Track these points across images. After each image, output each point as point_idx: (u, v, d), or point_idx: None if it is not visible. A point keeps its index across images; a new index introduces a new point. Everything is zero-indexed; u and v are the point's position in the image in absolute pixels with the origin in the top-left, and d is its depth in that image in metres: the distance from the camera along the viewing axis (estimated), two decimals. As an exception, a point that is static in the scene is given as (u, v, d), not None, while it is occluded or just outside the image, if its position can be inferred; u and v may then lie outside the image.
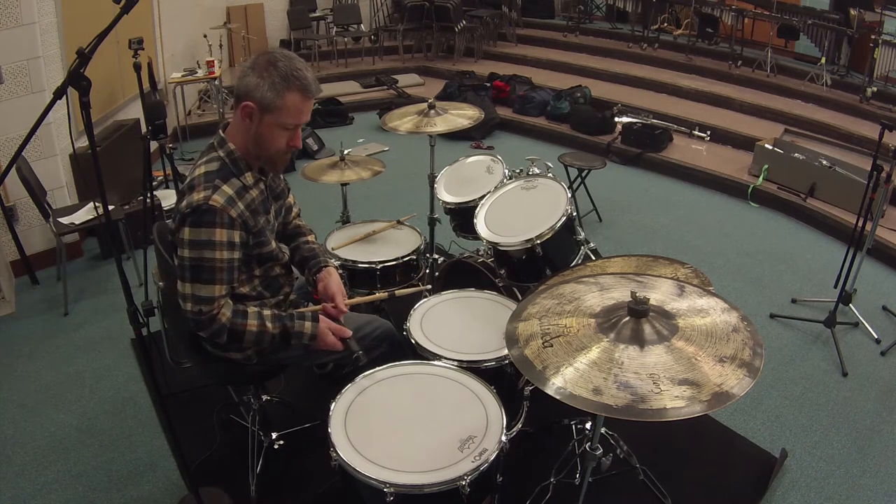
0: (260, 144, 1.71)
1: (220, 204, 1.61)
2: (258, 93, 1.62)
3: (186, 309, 1.68)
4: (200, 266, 1.64)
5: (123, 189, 3.97)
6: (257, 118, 1.66)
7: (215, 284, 1.67)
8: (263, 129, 1.67)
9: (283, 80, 1.62)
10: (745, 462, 2.44)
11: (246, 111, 1.64)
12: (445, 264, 2.92)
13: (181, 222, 1.62)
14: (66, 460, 2.41)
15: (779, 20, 6.79)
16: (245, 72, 1.64)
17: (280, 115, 1.65)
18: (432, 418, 1.71)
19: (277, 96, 1.62)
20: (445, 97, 6.68)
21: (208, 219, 1.60)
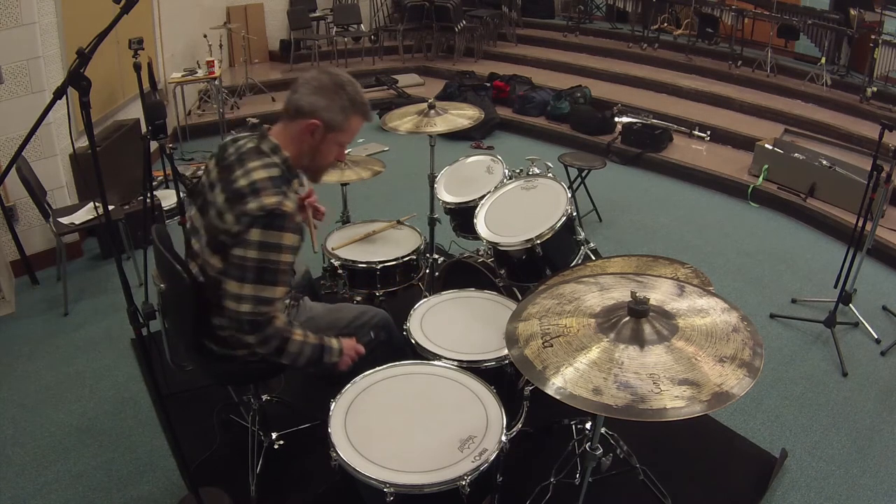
0: (315, 158, 1.80)
1: (290, 210, 1.66)
2: (327, 113, 1.72)
3: (242, 310, 1.66)
4: (266, 268, 1.65)
5: (123, 189, 3.97)
6: (320, 134, 1.75)
7: (277, 286, 1.69)
8: (323, 145, 1.77)
9: (351, 104, 1.75)
10: (745, 462, 2.44)
11: (311, 127, 1.73)
12: (445, 264, 2.92)
13: (251, 224, 1.62)
14: (66, 460, 2.41)
15: (779, 20, 6.79)
16: (312, 90, 1.72)
17: (342, 135, 1.78)
18: (432, 418, 1.71)
19: (345, 119, 1.75)
20: (445, 97, 6.68)
21: (280, 223, 1.64)
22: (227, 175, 1.72)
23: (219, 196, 1.71)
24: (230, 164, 1.74)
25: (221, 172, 1.76)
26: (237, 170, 1.70)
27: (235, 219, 1.64)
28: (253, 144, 1.77)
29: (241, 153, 1.75)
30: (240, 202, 1.63)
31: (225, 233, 1.67)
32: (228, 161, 1.76)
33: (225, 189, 1.70)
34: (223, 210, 1.68)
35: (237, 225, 1.63)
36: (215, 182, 1.77)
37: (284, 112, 1.76)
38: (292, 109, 1.74)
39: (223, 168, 1.76)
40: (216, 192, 1.74)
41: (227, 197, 1.68)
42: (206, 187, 1.80)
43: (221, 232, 1.68)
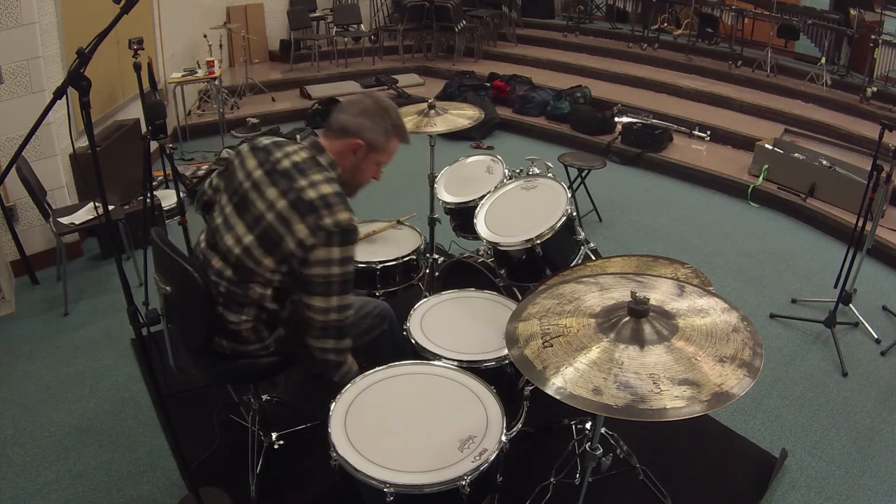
0: (355, 175, 1.90)
1: (356, 224, 1.77)
2: (370, 134, 1.84)
3: (331, 319, 1.78)
4: (347, 280, 1.78)
5: (123, 189, 3.97)
6: (362, 154, 1.86)
7: (350, 293, 1.82)
8: (364, 164, 1.89)
9: (393, 127, 1.89)
10: (745, 462, 2.44)
11: (354, 146, 1.84)
12: (445, 264, 2.93)
13: (328, 240, 1.70)
14: (66, 460, 2.41)
15: (779, 20, 6.79)
16: (358, 112, 1.84)
17: (381, 156, 1.91)
18: (432, 418, 1.71)
19: (386, 141, 1.88)
20: (445, 97, 6.68)
21: (353, 238, 1.76)
22: (285, 182, 1.76)
23: (278, 201, 1.74)
24: (286, 172, 1.78)
25: (273, 176, 1.79)
26: (300, 179, 1.76)
27: (310, 231, 1.70)
28: (308, 155, 1.83)
29: (298, 163, 1.80)
30: (313, 214, 1.70)
31: (298, 243, 1.71)
32: (281, 167, 1.79)
33: (287, 196, 1.74)
34: (289, 217, 1.72)
35: (312, 237, 1.70)
36: (261, 183, 1.79)
37: (329, 129, 1.87)
38: (338, 128, 1.85)
39: (276, 173, 1.79)
40: (269, 195, 1.77)
41: (293, 204, 1.72)
42: (249, 188, 1.82)
43: (288, 239, 1.72)
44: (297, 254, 1.72)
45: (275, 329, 1.93)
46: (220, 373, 2.03)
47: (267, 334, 1.91)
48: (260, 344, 1.91)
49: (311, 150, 1.85)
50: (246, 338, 1.88)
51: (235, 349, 1.91)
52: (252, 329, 1.87)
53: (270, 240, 1.75)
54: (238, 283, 1.81)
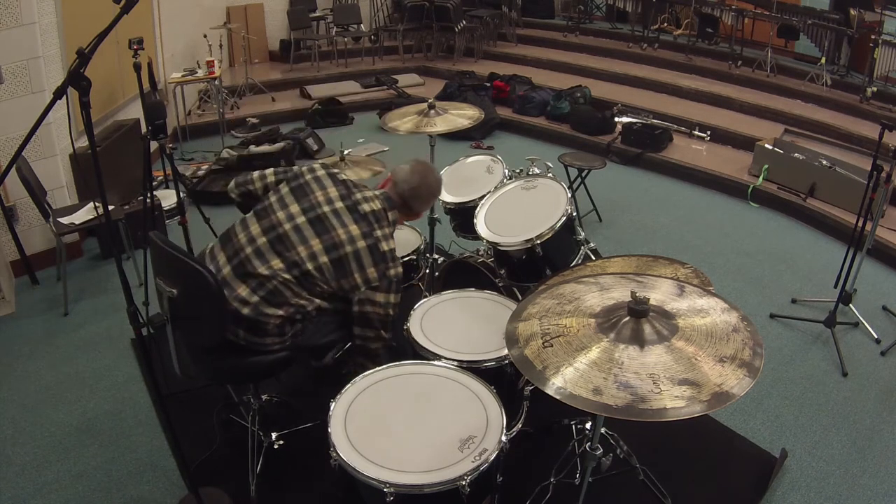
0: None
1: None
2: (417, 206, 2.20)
3: (389, 313, 2.02)
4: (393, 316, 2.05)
5: (123, 189, 3.97)
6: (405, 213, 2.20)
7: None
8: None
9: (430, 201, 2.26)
10: (745, 462, 2.44)
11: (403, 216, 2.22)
12: (445, 264, 2.92)
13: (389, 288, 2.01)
14: (66, 460, 2.41)
15: (779, 20, 6.79)
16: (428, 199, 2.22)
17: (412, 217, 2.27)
18: (432, 418, 1.71)
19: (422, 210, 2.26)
20: (445, 97, 6.68)
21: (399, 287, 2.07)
22: (366, 226, 1.99)
23: (359, 240, 1.96)
24: (366, 216, 2.01)
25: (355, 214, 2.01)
26: (377, 229, 2.01)
27: (379, 276, 1.97)
28: (381, 207, 2.06)
29: (375, 212, 2.04)
30: (383, 264, 1.98)
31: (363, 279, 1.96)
32: (362, 210, 2.02)
33: (366, 239, 1.97)
34: (365, 259, 1.96)
35: (378, 281, 1.97)
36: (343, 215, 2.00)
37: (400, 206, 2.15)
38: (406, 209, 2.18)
39: (357, 213, 2.01)
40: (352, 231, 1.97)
41: (370, 250, 1.97)
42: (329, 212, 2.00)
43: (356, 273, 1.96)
44: (362, 288, 1.96)
45: (295, 324, 1.99)
46: (224, 372, 2.03)
47: (289, 329, 1.98)
48: (279, 338, 1.97)
49: (384, 202, 2.08)
50: (269, 331, 1.94)
51: (251, 341, 1.94)
52: (279, 325, 1.94)
53: (343, 268, 1.95)
54: (292, 287, 1.93)
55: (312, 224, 1.97)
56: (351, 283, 1.96)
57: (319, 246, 1.94)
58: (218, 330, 1.86)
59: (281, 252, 1.94)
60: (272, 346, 1.97)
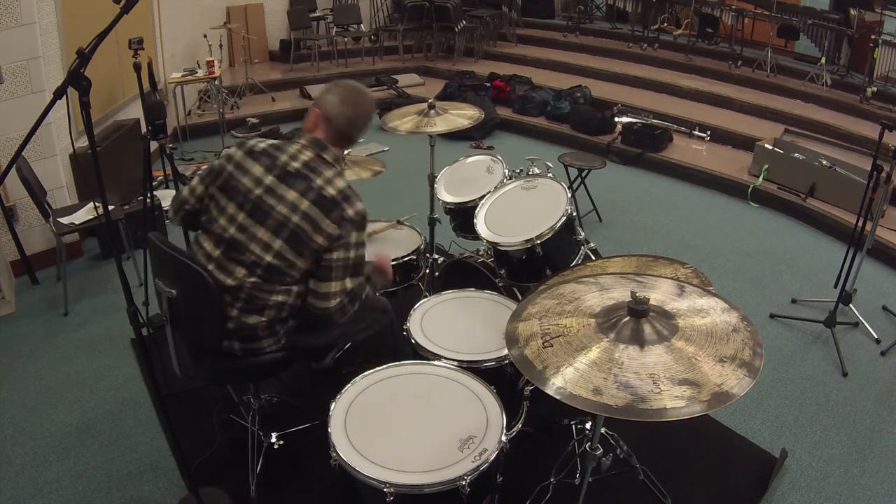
0: None
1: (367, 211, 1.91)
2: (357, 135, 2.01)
3: (333, 304, 1.86)
4: (359, 263, 1.90)
5: (123, 189, 3.97)
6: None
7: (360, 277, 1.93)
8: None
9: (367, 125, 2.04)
10: (745, 462, 2.44)
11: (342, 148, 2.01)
12: (445, 264, 2.93)
13: (351, 229, 1.83)
14: (66, 460, 2.41)
15: (779, 20, 6.79)
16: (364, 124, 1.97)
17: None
18: (432, 418, 1.71)
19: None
20: (445, 97, 6.68)
21: (365, 224, 1.89)
22: (302, 183, 1.82)
23: (300, 202, 1.80)
24: (299, 173, 1.84)
25: (287, 179, 1.83)
26: (316, 178, 1.83)
27: (336, 224, 1.81)
28: (314, 154, 1.88)
29: (307, 162, 1.86)
30: (336, 209, 1.81)
31: (327, 237, 1.80)
32: (293, 169, 1.84)
33: (307, 196, 1.81)
34: (315, 216, 1.80)
35: (339, 229, 1.81)
36: (276, 188, 1.83)
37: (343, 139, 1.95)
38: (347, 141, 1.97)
39: (288, 175, 1.84)
40: (290, 198, 1.81)
41: (317, 203, 1.80)
42: (262, 193, 1.84)
43: (317, 236, 1.80)
44: (325, 246, 1.81)
45: (287, 323, 1.96)
46: (224, 372, 2.03)
47: (280, 328, 1.94)
48: (273, 339, 1.94)
49: (314, 147, 1.89)
50: (261, 336, 1.91)
51: (248, 349, 1.92)
52: (267, 326, 1.90)
53: (301, 241, 1.81)
54: (263, 287, 1.84)
55: (252, 215, 1.84)
56: (317, 249, 1.81)
57: (268, 234, 1.82)
58: (217, 331, 1.86)
59: (237, 258, 1.84)
60: (270, 348, 1.95)
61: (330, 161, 1.89)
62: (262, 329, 1.90)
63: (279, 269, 1.83)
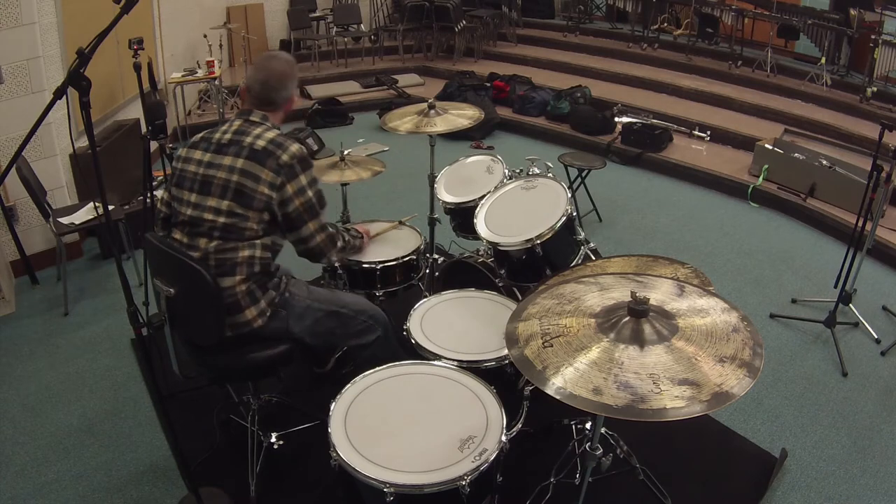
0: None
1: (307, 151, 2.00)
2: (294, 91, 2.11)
3: (322, 237, 2.04)
4: (321, 196, 2.02)
5: (123, 189, 3.97)
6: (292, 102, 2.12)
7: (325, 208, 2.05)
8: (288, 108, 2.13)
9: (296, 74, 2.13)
10: (745, 462, 2.44)
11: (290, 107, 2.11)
12: (445, 264, 2.92)
13: (293, 173, 1.93)
14: (66, 460, 2.41)
15: (779, 20, 6.79)
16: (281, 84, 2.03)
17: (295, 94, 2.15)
18: (432, 418, 1.71)
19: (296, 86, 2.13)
20: (445, 97, 6.68)
21: (309, 161, 1.99)
22: (234, 147, 1.93)
23: (236, 162, 1.91)
24: (231, 140, 1.96)
25: (221, 149, 1.95)
26: (245, 138, 1.94)
27: (274, 172, 1.90)
28: (240, 122, 2.00)
29: (236, 131, 1.98)
30: (270, 157, 1.91)
31: (270, 186, 1.90)
32: (225, 140, 1.97)
33: (241, 154, 1.92)
34: (252, 169, 1.90)
35: (279, 176, 1.91)
36: (214, 160, 1.95)
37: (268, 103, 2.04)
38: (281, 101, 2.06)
39: (222, 145, 1.96)
40: (226, 163, 1.92)
41: (250, 157, 1.91)
42: (204, 170, 1.96)
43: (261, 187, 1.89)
44: (274, 196, 1.91)
45: (266, 289, 1.98)
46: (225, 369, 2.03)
47: (260, 294, 1.97)
48: (256, 308, 1.95)
49: (240, 116, 2.02)
50: (242, 303, 1.93)
51: (234, 322, 1.93)
52: (246, 292, 1.93)
53: (246, 196, 1.91)
54: (226, 248, 1.91)
55: (200, 191, 1.94)
56: (263, 200, 1.91)
57: (215, 199, 1.92)
58: (217, 328, 1.87)
59: (197, 232, 1.94)
60: (256, 321, 1.96)
61: (258, 121, 2.00)
62: (242, 296, 1.92)
63: (234, 226, 1.91)
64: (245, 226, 1.92)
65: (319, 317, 2.10)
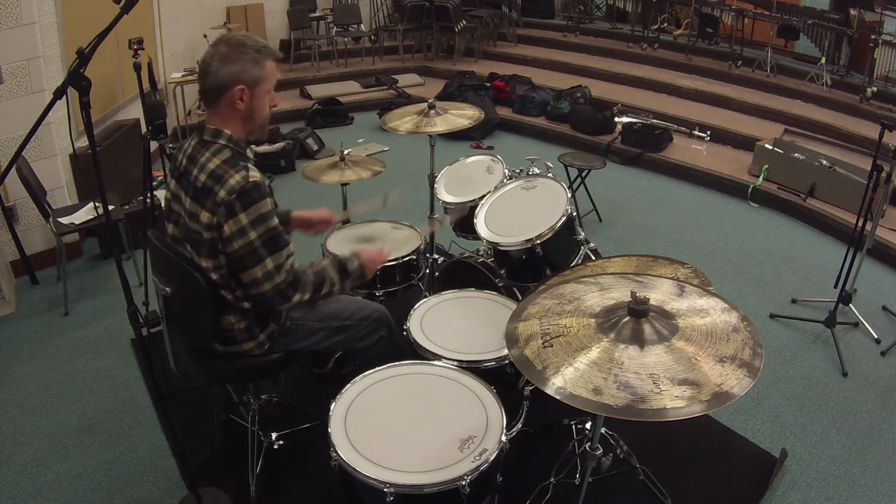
0: (253, 117, 1.83)
1: (258, 178, 1.72)
2: (245, 74, 1.75)
3: (277, 283, 1.75)
4: (271, 237, 1.73)
5: (123, 189, 3.97)
6: (248, 95, 1.78)
7: (285, 247, 1.78)
8: (255, 102, 1.80)
9: (258, 53, 1.77)
10: (745, 462, 2.44)
11: (238, 94, 1.75)
12: (445, 264, 2.92)
13: (231, 211, 1.68)
14: (66, 460, 2.41)
15: (779, 20, 6.79)
16: (221, 64, 1.73)
17: (266, 83, 1.81)
18: (432, 418, 1.71)
19: (261, 69, 1.78)
20: (445, 97, 6.68)
21: (256, 194, 1.70)
22: (186, 180, 1.77)
23: (185, 201, 1.76)
24: (185, 169, 1.79)
25: (180, 181, 1.81)
26: (193, 170, 1.75)
27: (211, 212, 1.69)
28: (195, 141, 1.81)
29: (189, 154, 1.80)
30: (208, 196, 1.69)
31: (207, 229, 1.71)
32: (182, 167, 1.80)
33: (189, 192, 1.75)
34: (194, 210, 1.73)
35: (215, 216, 1.69)
36: (178, 192, 1.82)
37: (207, 98, 1.79)
38: (213, 90, 1.76)
39: (180, 176, 1.81)
40: (182, 201, 1.79)
41: (194, 198, 1.73)
42: (171, 200, 1.86)
43: (202, 231, 1.72)
44: (215, 238, 1.72)
45: (266, 326, 1.95)
46: (221, 372, 2.03)
47: (259, 330, 1.93)
48: (254, 342, 1.93)
49: (198, 134, 1.81)
50: (238, 338, 1.91)
51: (229, 351, 1.93)
52: (244, 329, 1.90)
53: (194, 240, 1.77)
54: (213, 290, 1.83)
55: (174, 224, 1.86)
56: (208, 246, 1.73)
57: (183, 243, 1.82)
58: (207, 329, 1.86)
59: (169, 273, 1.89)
60: (253, 351, 1.94)
61: (209, 139, 1.77)
62: (240, 332, 1.90)
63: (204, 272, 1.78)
64: (208, 274, 1.78)
65: (323, 335, 2.06)
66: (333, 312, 2.09)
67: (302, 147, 5.68)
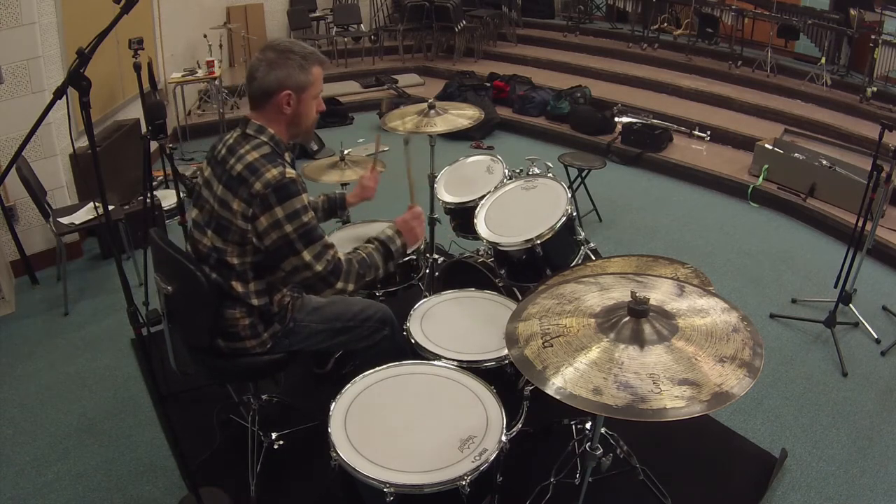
0: (299, 122, 1.88)
1: (294, 175, 1.76)
2: (291, 80, 1.80)
3: (317, 271, 1.77)
4: (306, 231, 1.76)
5: (123, 189, 3.97)
6: (295, 100, 1.82)
7: (322, 237, 1.80)
8: (302, 107, 1.85)
9: (304, 59, 1.82)
10: (745, 462, 2.44)
11: (286, 99, 1.80)
12: (445, 264, 2.92)
13: (266, 205, 1.71)
14: (66, 460, 2.41)
15: (779, 20, 6.79)
16: (267, 70, 1.78)
17: (313, 88, 1.86)
18: (432, 418, 1.71)
19: (307, 74, 1.82)
20: (445, 97, 6.68)
21: (292, 189, 1.73)
22: (221, 168, 1.81)
23: (217, 188, 1.79)
24: (223, 158, 1.82)
25: (215, 168, 1.85)
26: (230, 160, 1.78)
27: (246, 203, 1.72)
28: (238, 133, 1.85)
29: (230, 145, 1.83)
30: (243, 186, 1.72)
31: (242, 218, 1.74)
32: (220, 156, 1.84)
33: (221, 180, 1.79)
34: (226, 198, 1.76)
35: (250, 207, 1.72)
36: (210, 179, 1.85)
37: (254, 102, 1.84)
38: (260, 95, 1.81)
39: (216, 164, 1.85)
40: (213, 188, 1.82)
41: (227, 186, 1.76)
42: (202, 186, 1.90)
43: (233, 219, 1.75)
44: (249, 229, 1.75)
45: (270, 324, 1.95)
46: (221, 371, 2.03)
47: (263, 329, 1.94)
48: (256, 340, 1.94)
49: (241, 127, 1.85)
50: (242, 334, 1.91)
51: (232, 347, 1.93)
52: (248, 325, 1.90)
53: (223, 227, 1.79)
54: (222, 279, 1.85)
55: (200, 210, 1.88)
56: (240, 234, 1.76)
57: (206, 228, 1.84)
58: (207, 328, 1.87)
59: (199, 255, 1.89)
60: (256, 349, 1.95)
61: (251, 134, 1.81)
62: (243, 328, 1.90)
63: (222, 260, 1.82)
64: (229, 260, 1.81)
65: (325, 336, 2.06)
66: (337, 314, 2.09)
67: (302, 147, 5.68)
